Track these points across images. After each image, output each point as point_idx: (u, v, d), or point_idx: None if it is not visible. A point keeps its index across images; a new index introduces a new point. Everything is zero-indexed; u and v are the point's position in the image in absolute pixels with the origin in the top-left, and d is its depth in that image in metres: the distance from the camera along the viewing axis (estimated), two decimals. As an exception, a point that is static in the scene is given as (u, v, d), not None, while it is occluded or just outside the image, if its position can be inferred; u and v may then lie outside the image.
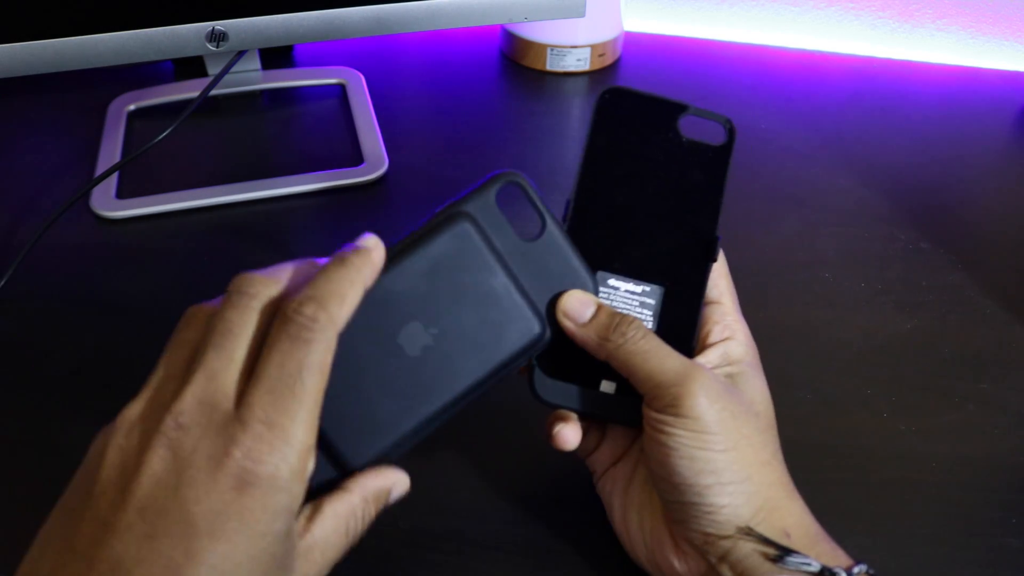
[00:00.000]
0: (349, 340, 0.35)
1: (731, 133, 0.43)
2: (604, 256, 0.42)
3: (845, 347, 0.57)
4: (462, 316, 0.37)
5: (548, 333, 0.39)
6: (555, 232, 0.40)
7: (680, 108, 0.44)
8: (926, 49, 0.89)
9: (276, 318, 0.32)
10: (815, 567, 0.36)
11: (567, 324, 0.39)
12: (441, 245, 0.38)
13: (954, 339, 0.57)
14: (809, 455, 0.49)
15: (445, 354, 0.37)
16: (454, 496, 0.48)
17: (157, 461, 0.29)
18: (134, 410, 0.31)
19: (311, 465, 0.31)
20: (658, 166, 0.43)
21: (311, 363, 0.31)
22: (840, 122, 0.77)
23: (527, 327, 0.38)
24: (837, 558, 0.37)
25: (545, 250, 0.40)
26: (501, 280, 0.38)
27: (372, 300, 0.37)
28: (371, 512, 0.35)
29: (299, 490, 0.31)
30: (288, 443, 0.30)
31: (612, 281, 0.42)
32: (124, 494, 0.29)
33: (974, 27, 0.87)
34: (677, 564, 0.39)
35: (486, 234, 0.38)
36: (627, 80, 0.82)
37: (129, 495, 0.29)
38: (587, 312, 0.39)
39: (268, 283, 0.33)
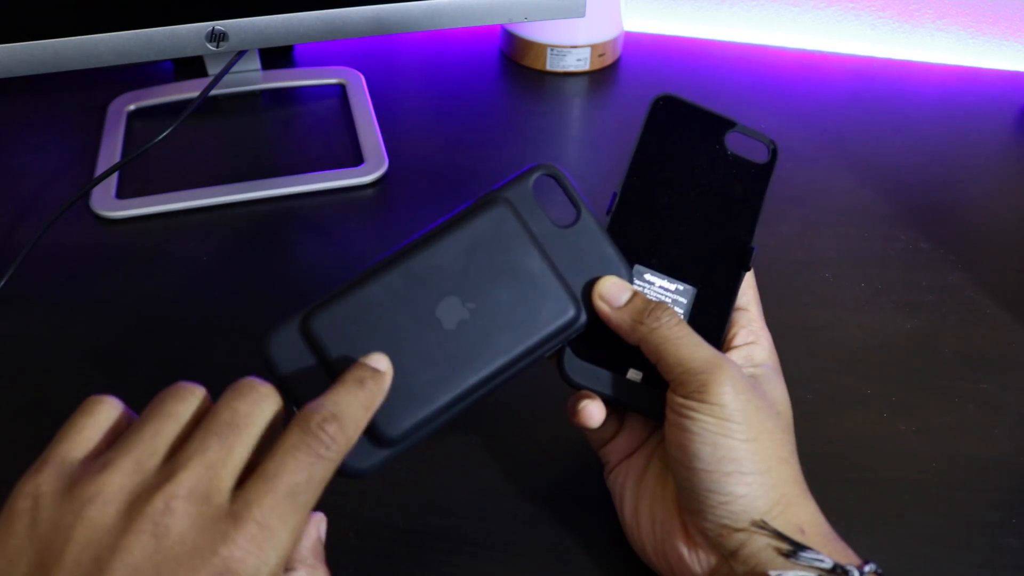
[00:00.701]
0: (387, 310, 0.36)
1: (774, 154, 0.45)
2: (642, 251, 0.43)
3: (845, 347, 0.57)
4: (499, 293, 0.38)
5: (583, 317, 0.40)
6: (590, 221, 0.41)
7: (728, 124, 0.46)
8: (926, 49, 0.89)
9: (295, 423, 0.31)
10: (828, 564, 0.36)
11: (602, 307, 0.40)
12: (480, 226, 0.39)
13: (954, 339, 0.57)
14: (809, 455, 0.48)
15: (481, 329, 0.38)
16: (454, 495, 0.48)
17: (138, 547, 0.28)
18: (111, 478, 0.29)
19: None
20: (702, 175, 0.45)
21: (318, 480, 0.30)
22: (840, 122, 0.77)
23: (562, 308, 0.39)
24: (848, 557, 0.38)
25: (580, 238, 0.41)
26: (537, 262, 0.39)
27: (411, 273, 0.37)
28: (322, 571, 0.35)
29: None
30: (276, 547, 0.29)
31: (648, 276, 0.43)
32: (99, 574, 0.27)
33: (974, 27, 0.87)
34: (687, 556, 0.40)
35: (523, 219, 0.40)
36: (628, 80, 0.83)
37: None
38: (623, 296, 0.40)
39: (275, 393, 0.32)
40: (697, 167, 0.45)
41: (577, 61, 0.82)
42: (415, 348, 0.37)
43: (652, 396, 0.41)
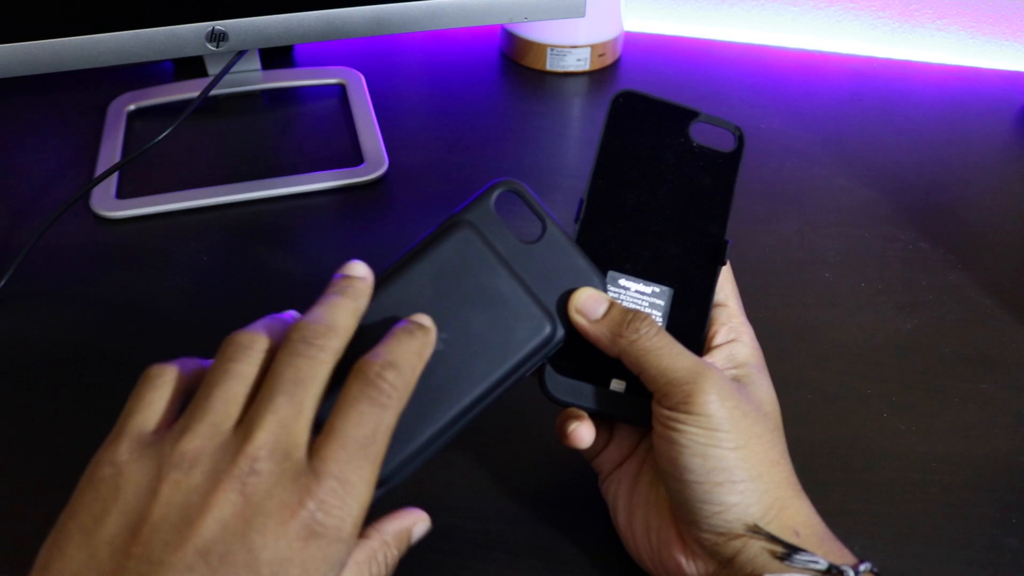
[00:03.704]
0: (359, 352, 0.35)
1: (741, 141, 0.44)
2: (615, 256, 0.42)
3: (845, 347, 0.57)
4: (471, 319, 0.38)
5: (560, 332, 0.39)
6: (556, 234, 0.40)
7: (692, 114, 0.45)
8: (926, 49, 0.89)
9: (354, 376, 0.32)
10: (823, 565, 0.36)
11: (579, 320, 0.39)
12: (444, 252, 0.38)
13: (954, 339, 0.57)
14: (809, 455, 0.48)
15: (457, 358, 0.37)
16: (454, 496, 0.48)
17: (227, 504, 0.29)
18: (191, 443, 0.30)
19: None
20: (669, 170, 0.44)
21: (384, 428, 0.32)
22: (840, 122, 0.77)
23: (536, 325, 0.38)
24: (844, 557, 0.38)
25: (549, 251, 0.40)
26: (507, 282, 0.38)
27: (380, 309, 0.37)
28: (393, 555, 0.35)
29: (354, 543, 0.31)
30: (356, 499, 0.30)
31: (623, 281, 0.42)
32: (185, 534, 0.29)
33: (974, 27, 0.87)
34: (684, 564, 0.39)
35: (488, 240, 0.39)
36: (627, 80, 0.82)
37: (190, 536, 0.28)
38: (600, 308, 0.39)
39: (333, 336, 0.33)
40: (663, 163, 0.44)
41: (577, 61, 0.82)
42: None
43: (637, 405, 0.41)
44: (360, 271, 0.36)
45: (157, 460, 0.30)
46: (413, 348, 0.33)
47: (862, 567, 0.36)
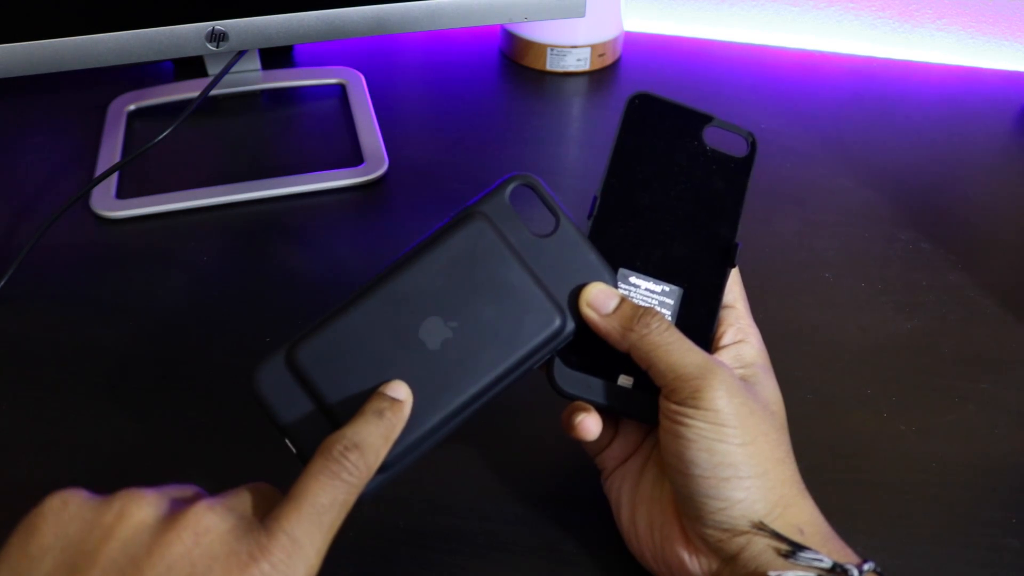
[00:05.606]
0: (370, 336, 0.36)
1: (753, 146, 0.45)
2: (626, 254, 0.43)
3: (845, 347, 0.57)
4: (481, 309, 0.38)
5: (570, 326, 0.40)
6: (570, 229, 0.41)
7: (706, 118, 0.45)
8: (926, 49, 0.89)
9: (319, 452, 0.33)
10: (827, 563, 0.36)
11: (590, 314, 0.40)
12: (457, 242, 0.39)
13: (954, 339, 0.57)
14: (809, 455, 0.48)
15: (466, 347, 0.38)
16: (455, 495, 0.48)
17: (177, 544, 0.29)
18: (150, 491, 0.31)
19: None
20: (682, 172, 0.44)
21: (342, 502, 0.33)
22: (840, 122, 0.77)
23: (546, 318, 0.39)
24: (848, 556, 0.38)
25: (561, 246, 0.40)
26: (518, 274, 0.39)
27: (392, 297, 0.37)
28: None
29: None
30: (304, 561, 0.31)
31: (633, 279, 0.43)
32: (129, 573, 0.29)
33: (974, 27, 0.87)
34: (688, 561, 0.40)
35: (501, 232, 0.39)
36: (628, 80, 0.82)
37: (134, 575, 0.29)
38: (611, 303, 0.40)
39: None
40: (677, 164, 0.44)
41: (577, 61, 0.82)
42: (400, 372, 0.37)
43: (644, 401, 0.41)
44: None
45: (114, 498, 0.31)
46: (379, 431, 0.35)
47: (866, 566, 0.36)
